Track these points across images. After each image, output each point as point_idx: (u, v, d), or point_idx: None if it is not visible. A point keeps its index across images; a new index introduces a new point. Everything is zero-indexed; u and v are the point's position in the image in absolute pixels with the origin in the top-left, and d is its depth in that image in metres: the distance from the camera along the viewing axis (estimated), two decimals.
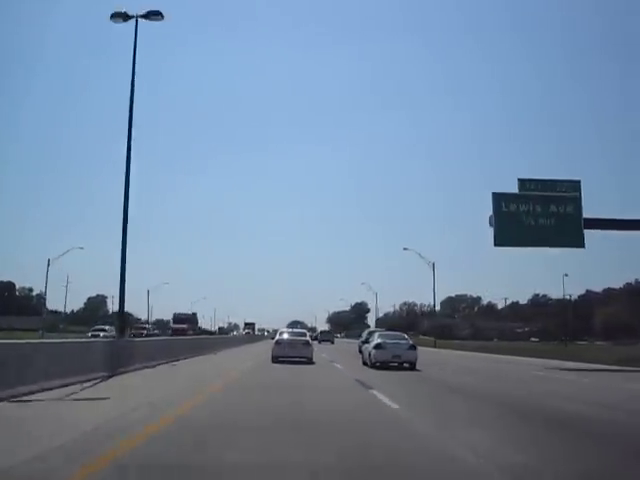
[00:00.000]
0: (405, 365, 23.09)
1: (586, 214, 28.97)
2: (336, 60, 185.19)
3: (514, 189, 29.52)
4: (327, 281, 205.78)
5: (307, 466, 6.08)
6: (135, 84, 19.34)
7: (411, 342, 24.13)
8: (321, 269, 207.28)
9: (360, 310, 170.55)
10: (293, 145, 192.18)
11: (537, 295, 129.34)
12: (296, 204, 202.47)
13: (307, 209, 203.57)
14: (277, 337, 28.02)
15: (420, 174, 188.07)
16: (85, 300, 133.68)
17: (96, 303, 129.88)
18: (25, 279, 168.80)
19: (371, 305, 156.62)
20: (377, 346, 23.31)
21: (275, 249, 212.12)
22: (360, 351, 38.24)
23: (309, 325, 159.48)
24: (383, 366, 22.72)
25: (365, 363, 25.09)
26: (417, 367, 22.95)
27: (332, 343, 73.43)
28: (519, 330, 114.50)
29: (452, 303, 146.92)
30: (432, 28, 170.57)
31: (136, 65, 19.46)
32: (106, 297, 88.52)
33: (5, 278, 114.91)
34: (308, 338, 28.13)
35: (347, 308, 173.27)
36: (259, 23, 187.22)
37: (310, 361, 25.46)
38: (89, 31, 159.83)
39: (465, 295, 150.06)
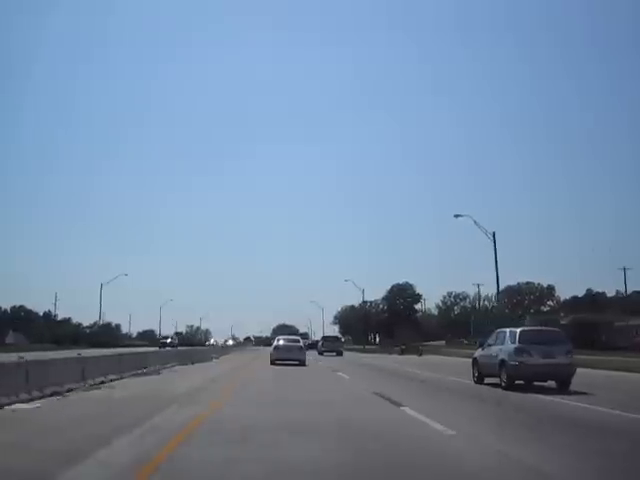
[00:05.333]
0: None
1: None
2: (327, 60, 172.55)
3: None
4: (318, 283, 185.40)
5: None
6: None
7: None
8: (310, 271, 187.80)
9: (399, 299, 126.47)
10: (282, 147, 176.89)
11: None
12: (283, 204, 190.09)
13: (292, 209, 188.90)
14: (275, 343, 31.87)
15: (414, 173, 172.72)
16: None
17: None
18: None
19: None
20: None
21: (255, 252, 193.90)
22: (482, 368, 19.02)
23: (300, 330, 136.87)
24: None
25: None
26: None
27: (340, 354, 51.64)
28: None
29: (513, 294, 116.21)
30: (422, 27, 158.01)
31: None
32: None
33: None
34: (302, 344, 32.20)
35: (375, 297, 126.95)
36: (246, 23, 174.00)
37: (303, 364, 29.42)
38: (86, 32, 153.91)
39: (532, 284, 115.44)
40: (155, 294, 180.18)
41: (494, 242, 36.96)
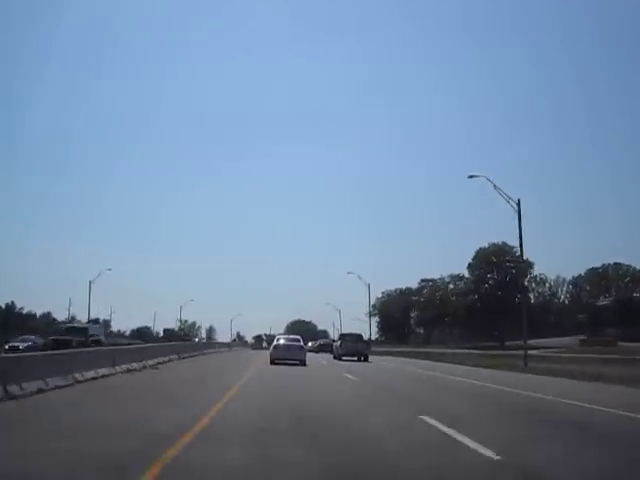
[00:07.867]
0: None
1: None
2: (334, 60, 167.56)
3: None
4: (326, 280, 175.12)
5: None
6: None
7: None
8: (320, 269, 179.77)
9: (493, 269, 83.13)
10: (289, 147, 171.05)
11: None
12: (291, 204, 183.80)
13: (300, 208, 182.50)
14: (274, 342, 31.92)
15: (422, 172, 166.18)
16: None
17: None
18: None
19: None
20: None
21: (266, 251, 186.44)
22: None
23: (319, 327, 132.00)
24: None
25: None
26: None
27: (365, 359, 39.46)
28: None
29: (597, 279, 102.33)
30: (430, 27, 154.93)
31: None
32: None
33: None
34: (301, 343, 31.92)
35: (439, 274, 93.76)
36: (253, 24, 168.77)
37: (303, 363, 28.97)
38: (96, 33, 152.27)
39: (621, 265, 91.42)
40: (157, 293, 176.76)
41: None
